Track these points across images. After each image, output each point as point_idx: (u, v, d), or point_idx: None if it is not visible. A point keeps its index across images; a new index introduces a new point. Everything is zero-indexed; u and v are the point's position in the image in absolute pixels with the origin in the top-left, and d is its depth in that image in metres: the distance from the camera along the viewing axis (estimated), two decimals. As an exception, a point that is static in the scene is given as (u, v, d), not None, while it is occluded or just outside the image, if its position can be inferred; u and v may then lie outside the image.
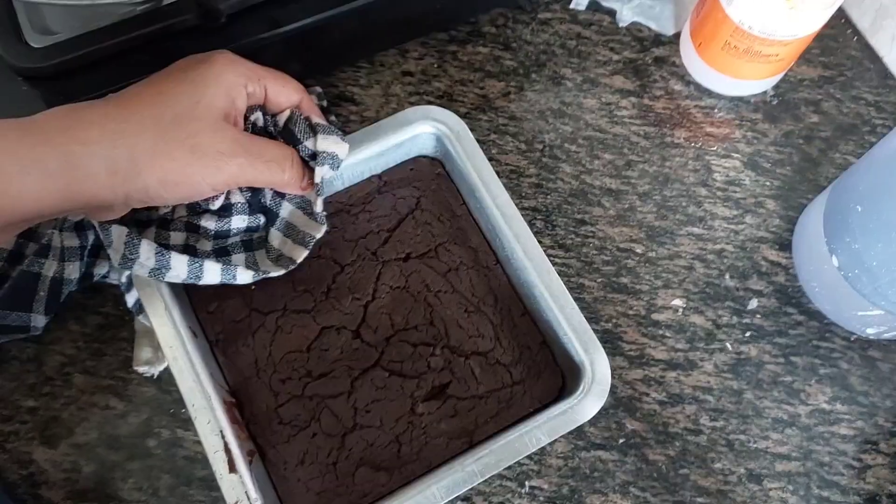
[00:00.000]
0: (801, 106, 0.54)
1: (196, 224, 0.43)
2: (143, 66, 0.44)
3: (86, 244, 0.44)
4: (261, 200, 0.44)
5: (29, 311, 0.43)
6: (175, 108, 0.36)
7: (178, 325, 0.41)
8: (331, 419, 0.42)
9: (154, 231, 0.42)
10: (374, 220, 0.47)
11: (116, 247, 0.40)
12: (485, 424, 0.42)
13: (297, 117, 0.42)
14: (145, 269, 0.40)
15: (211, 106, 0.37)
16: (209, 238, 0.43)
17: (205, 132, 0.36)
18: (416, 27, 0.54)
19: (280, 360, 0.43)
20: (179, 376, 0.40)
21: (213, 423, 0.39)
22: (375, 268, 0.46)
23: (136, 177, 0.35)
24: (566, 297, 0.42)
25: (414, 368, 0.43)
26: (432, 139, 0.47)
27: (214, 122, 0.37)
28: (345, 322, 0.44)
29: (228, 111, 0.38)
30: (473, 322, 0.45)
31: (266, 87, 0.40)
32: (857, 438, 0.46)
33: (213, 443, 0.39)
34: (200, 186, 0.37)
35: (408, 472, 0.41)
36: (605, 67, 0.55)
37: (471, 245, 0.46)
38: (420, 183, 0.48)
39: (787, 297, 0.49)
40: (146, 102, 0.36)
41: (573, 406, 0.40)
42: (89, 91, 0.43)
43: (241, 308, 0.44)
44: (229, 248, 0.43)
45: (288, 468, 0.41)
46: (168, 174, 0.36)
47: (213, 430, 0.39)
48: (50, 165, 0.33)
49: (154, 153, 0.35)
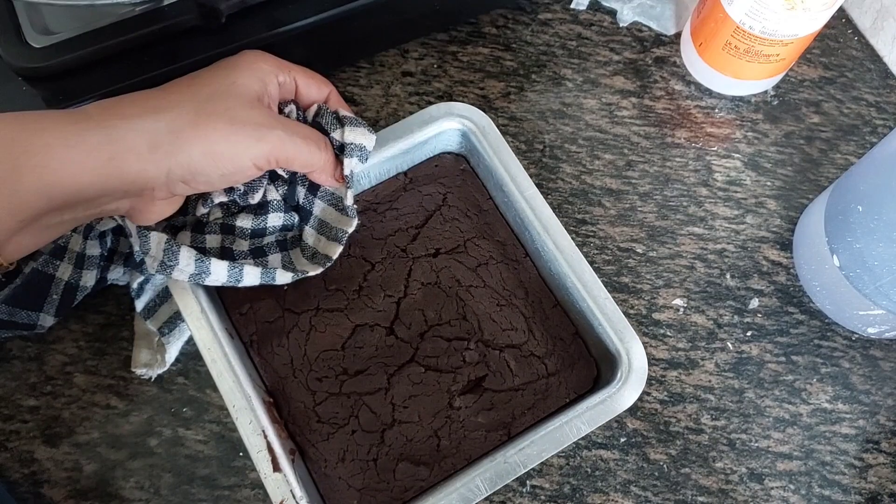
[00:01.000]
0: (801, 106, 0.54)
1: (231, 225, 0.43)
2: (143, 66, 0.44)
3: (104, 251, 0.44)
4: (296, 198, 0.44)
5: (39, 311, 0.43)
6: (211, 87, 0.37)
7: (214, 328, 0.41)
8: (369, 416, 0.42)
9: (189, 235, 0.42)
10: (402, 218, 0.47)
11: (155, 254, 0.40)
12: (522, 416, 0.43)
13: (325, 110, 0.42)
14: (185, 275, 0.40)
15: (246, 87, 0.38)
16: (245, 237, 0.43)
17: (242, 107, 0.37)
18: (416, 27, 0.54)
19: (315, 358, 0.44)
20: (219, 378, 0.40)
21: (254, 423, 0.39)
22: (406, 264, 0.46)
23: (179, 150, 0.35)
24: (599, 286, 0.42)
25: (449, 363, 0.44)
26: (457, 135, 0.47)
27: (249, 101, 0.38)
28: (378, 319, 0.44)
29: (261, 95, 0.39)
30: (506, 315, 0.45)
31: (296, 79, 0.41)
32: (859, 438, 0.46)
33: (255, 443, 0.39)
34: (241, 160, 0.37)
35: (448, 466, 0.42)
36: (605, 68, 0.55)
37: (499, 239, 0.47)
38: (446, 179, 0.48)
39: (788, 297, 0.49)
40: (183, 84, 0.37)
41: (612, 395, 0.40)
42: (89, 91, 0.44)
43: (274, 308, 0.44)
44: (265, 249, 0.44)
45: (329, 466, 0.41)
46: (212, 144, 0.36)
47: (255, 430, 0.39)
48: (91, 140, 0.33)
49: (196, 124, 0.36)
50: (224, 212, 0.43)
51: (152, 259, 0.40)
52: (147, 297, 0.45)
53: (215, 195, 0.41)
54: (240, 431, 0.39)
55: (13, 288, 0.43)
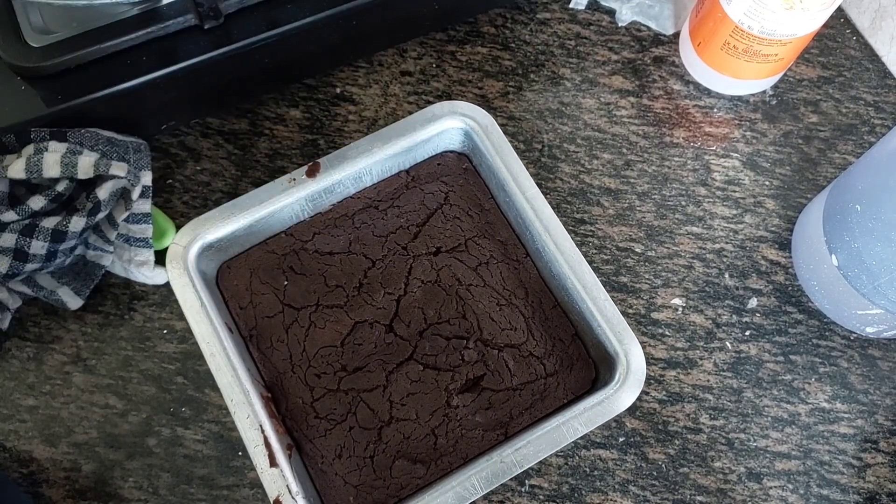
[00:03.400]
0: (800, 106, 0.54)
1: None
2: (141, 66, 0.44)
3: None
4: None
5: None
6: None
7: (214, 322, 0.41)
8: (367, 413, 0.43)
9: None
10: (404, 216, 0.47)
11: None
12: (519, 416, 0.43)
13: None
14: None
15: None
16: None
17: None
18: (414, 27, 0.54)
19: (314, 355, 0.44)
20: (218, 372, 0.40)
21: (252, 417, 0.39)
22: (406, 262, 0.46)
23: None
24: (598, 287, 0.42)
25: (448, 362, 0.44)
26: (460, 134, 0.47)
27: None
28: (378, 316, 0.45)
29: None
30: (505, 315, 0.45)
31: None
32: (857, 437, 0.46)
33: (252, 437, 0.39)
34: None
35: (444, 465, 0.42)
36: (603, 67, 0.55)
37: (500, 239, 0.47)
38: (448, 178, 0.48)
39: (786, 296, 0.49)
40: None
41: (609, 396, 0.40)
42: (88, 91, 0.44)
43: (274, 304, 0.45)
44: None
45: (325, 462, 0.42)
46: None
47: (253, 425, 0.39)
48: None
49: None
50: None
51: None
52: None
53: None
54: (237, 426, 0.39)
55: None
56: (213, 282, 0.44)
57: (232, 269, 0.45)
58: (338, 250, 0.46)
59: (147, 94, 0.45)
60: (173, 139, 0.52)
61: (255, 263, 0.45)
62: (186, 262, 0.42)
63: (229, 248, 0.45)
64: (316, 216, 0.46)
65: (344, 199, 0.47)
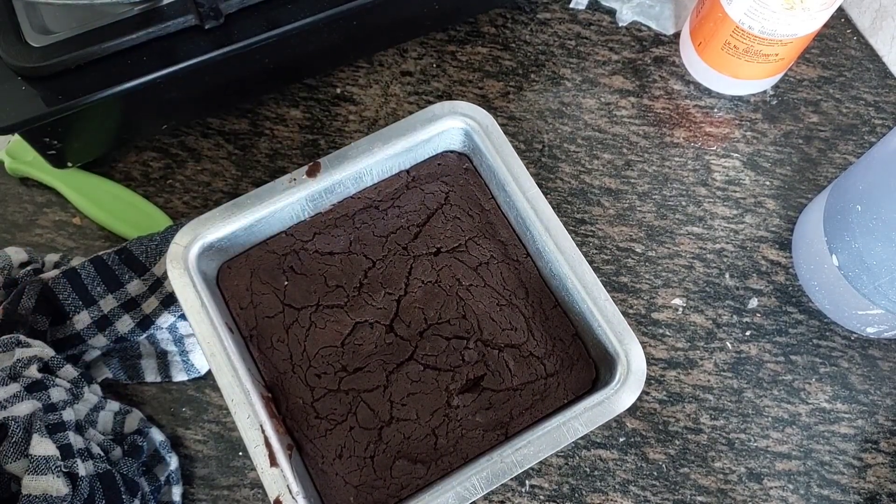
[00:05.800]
0: (800, 106, 0.54)
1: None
2: (141, 66, 0.44)
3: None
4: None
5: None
6: None
7: (214, 322, 0.41)
8: (367, 413, 0.42)
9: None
10: (404, 216, 0.47)
11: None
12: (520, 416, 0.43)
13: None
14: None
15: None
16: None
17: None
18: (414, 27, 0.54)
19: (315, 355, 0.44)
20: (218, 372, 0.40)
21: (252, 417, 0.39)
22: (406, 262, 0.46)
23: None
24: (599, 288, 0.42)
25: (448, 362, 0.44)
26: (461, 134, 0.47)
27: None
28: (378, 317, 0.44)
29: None
30: (506, 315, 0.45)
31: None
32: (858, 437, 0.46)
33: (253, 437, 0.39)
34: None
35: (445, 465, 0.42)
36: (604, 67, 0.55)
37: (500, 239, 0.47)
38: (448, 178, 0.48)
39: (787, 296, 0.49)
40: None
41: (610, 397, 0.40)
42: (88, 91, 0.43)
43: (275, 304, 0.45)
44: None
45: (326, 462, 0.42)
46: None
47: (253, 425, 0.39)
48: None
49: None
50: None
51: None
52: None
53: None
54: (237, 425, 0.39)
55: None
56: (214, 282, 0.44)
57: (232, 269, 0.45)
58: (338, 250, 0.46)
59: (147, 94, 0.45)
60: (173, 139, 0.52)
61: (255, 263, 0.45)
62: (187, 262, 0.42)
63: (229, 249, 0.45)
64: (316, 216, 0.46)
65: (344, 199, 0.47)
